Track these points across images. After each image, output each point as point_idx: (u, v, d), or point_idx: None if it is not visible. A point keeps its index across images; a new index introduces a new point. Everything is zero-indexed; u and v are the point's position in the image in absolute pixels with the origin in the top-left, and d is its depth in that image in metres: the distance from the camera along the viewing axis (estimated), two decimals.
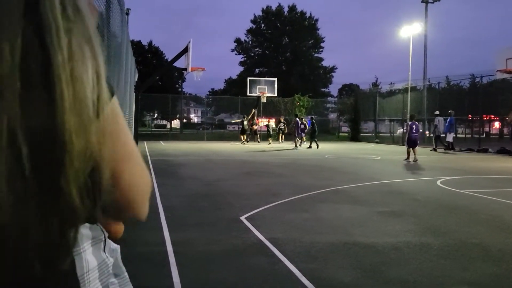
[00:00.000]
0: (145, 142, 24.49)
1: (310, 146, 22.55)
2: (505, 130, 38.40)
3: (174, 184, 9.02)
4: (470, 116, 27.50)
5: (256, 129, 27.59)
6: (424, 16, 33.65)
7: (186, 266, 3.85)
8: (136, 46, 50.80)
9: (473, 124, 29.60)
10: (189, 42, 16.89)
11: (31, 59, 0.50)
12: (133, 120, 16.40)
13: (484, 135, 30.35)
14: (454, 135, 23.75)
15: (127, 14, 21.90)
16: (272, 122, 29.84)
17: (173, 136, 33.23)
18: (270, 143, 25.89)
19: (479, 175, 11.06)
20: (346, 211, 6.36)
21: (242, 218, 5.76)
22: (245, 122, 26.45)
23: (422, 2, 33.63)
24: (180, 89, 57.93)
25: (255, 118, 27.48)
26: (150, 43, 57.44)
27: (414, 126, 14.63)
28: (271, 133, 26.95)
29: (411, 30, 28.62)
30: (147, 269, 3.83)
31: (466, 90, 29.70)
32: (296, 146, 22.55)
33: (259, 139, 27.32)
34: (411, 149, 14.56)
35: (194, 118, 60.28)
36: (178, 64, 18.24)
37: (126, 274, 0.87)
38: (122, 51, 8.07)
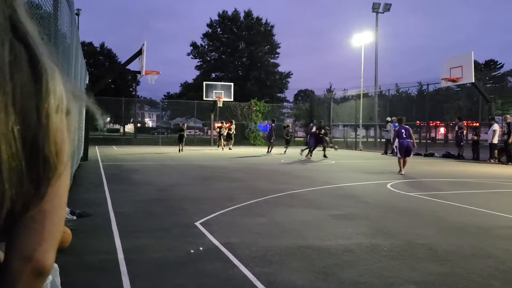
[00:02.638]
0: (96, 147, 23.72)
1: (285, 152, 21.88)
2: (450, 136, 40.49)
3: (126, 190, 8.78)
4: (417, 122, 28.76)
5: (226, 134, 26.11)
6: (375, 26, 34.90)
7: (138, 275, 3.74)
8: (88, 48, 49.25)
9: (421, 130, 30.98)
10: (143, 44, 16.56)
11: None
12: (84, 124, 15.84)
13: (431, 140, 31.82)
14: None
15: (78, 14, 21.18)
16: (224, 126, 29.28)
17: (127, 141, 32.42)
18: (230, 147, 25.53)
19: (426, 179, 11.56)
20: (301, 215, 6.44)
21: (197, 223, 5.68)
22: (224, 127, 25.70)
23: (373, 12, 34.87)
24: (134, 93, 56.70)
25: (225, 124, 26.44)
26: (102, 45, 55.89)
27: (403, 131, 12.81)
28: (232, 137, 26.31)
29: (363, 39, 29.66)
30: (97, 278, 3.69)
31: (414, 97, 31.09)
32: (268, 151, 21.84)
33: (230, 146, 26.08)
34: (403, 158, 12.68)
35: (149, 122, 59.16)
36: (132, 67, 17.84)
37: None
38: (72, 53, 7.78)
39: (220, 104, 29.26)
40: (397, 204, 7.62)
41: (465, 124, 21.32)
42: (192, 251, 4.45)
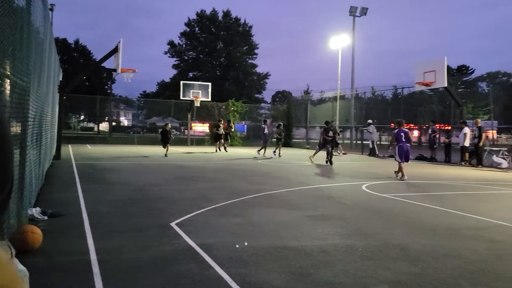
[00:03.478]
0: (69, 145, 23.21)
1: (274, 152, 20.49)
2: (423, 139, 41.41)
3: (101, 189, 8.62)
4: (392, 124, 29.27)
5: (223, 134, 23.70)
6: (352, 29, 35.38)
7: (111, 276, 3.68)
8: (62, 44, 48.19)
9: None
10: (119, 42, 16.30)
11: None
12: (57, 122, 15.48)
13: None
14: (378, 142, 25.14)
15: (51, 10, 20.68)
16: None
17: (101, 140, 31.83)
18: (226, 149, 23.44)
19: (400, 180, 11.77)
20: (278, 215, 6.46)
21: (173, 224, 5.63)
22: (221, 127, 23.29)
23: (350, 15, 35.34)
24: (109, 91, 55.77)
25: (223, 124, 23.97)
26: (76, 42, 54.77)
27: (402, 134, 12.13)
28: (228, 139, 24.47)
29: (340, 42, 30.06)
30: (68, 280, 3.61)
31: (389, 100, 31.65)
32: (259, 152, 20.34)
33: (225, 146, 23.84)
34: (403, 163, 12.05)
35: (124, 121, 58.24)
36: (108, 64, 17.55)
37: None
38: (45, 49, 7.58)
39: (197, 104, 29.07)
40: (372, 205, 7.74)
41: (438, 127, 21.81)
42: (167, 251, 4.40)
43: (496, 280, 3.84)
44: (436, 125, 21.33)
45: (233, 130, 25.05)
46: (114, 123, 43.58)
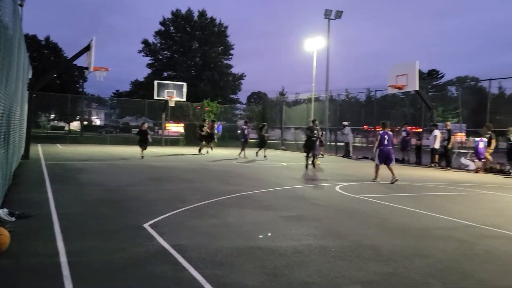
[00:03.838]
0: (39, 145, 22.60)
1: (257, 154, 20.11)
2: (395, 140, 42.29)
3: (71, 190, 8.43)
4: (365, 126, 29.78)
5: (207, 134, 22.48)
6: (327, 31, 35.78)
7: (82, 278, 3.59)
8: (32, 41, 46.91)
9: (368, 134, 32.08)
10: (92, 40, 15.97)
11: None
12: (26, 121, 15.05)
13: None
14: (353, 144, 25.51)
15: (21, 5, 20.10)
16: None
17: (72, 139, 31.12)
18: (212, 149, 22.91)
19: (372, 181, 11.97)
20: (252, 216, 6.46)
21: (146, 225, 5.56)
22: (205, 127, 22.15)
23: (325, 18, 35.73)
24: (81, 89, 54.61)
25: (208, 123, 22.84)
26: (47, 38, 53.45)
27: (386, 137, 11.76)
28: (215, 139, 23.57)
29: (315, 44, 30.37)
30: (38, 282, 3.51)
31: (362, 103, 32.19)
32: (240, 155, 20.06)
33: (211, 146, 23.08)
34: (382, 165, 11.82)
35: (96, 120, 57.10)
36: (80, 62, 17.15)
37: None
38: (14, 45, 7.35)
39: (172, 104, 28.80)
40: (345, 206, 7.85)
41: (410, 129, 22.32)
42: (140, 253, 4.34)
43: (464, 279, 3.96)
44: (408, 127, 21.81)
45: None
46: (85, 123, 42.71)
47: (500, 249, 5.08)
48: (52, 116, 42.59)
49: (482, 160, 16.50)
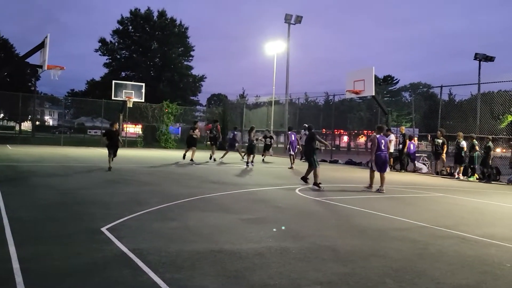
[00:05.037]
0: None
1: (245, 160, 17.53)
2: (352, 144, 43.43)
3: (24, 193, 8.06)
4: (324, 130, 30.40)
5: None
6: (287, 36, 36.24)
7: (36, 285, 3.45)
8: None
9: (326, 138, 32.74)
10: (46, 37, 15.37)
11: None
12: None
13: (335, 148, 33.82)
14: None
15: None
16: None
17: (23, 140, 29.79)
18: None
19: (331, 184, 12.23)
20: (213, 219, 6.44)
21: (104, 229, 5.41)
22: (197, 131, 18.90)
23: (285, 22, 36.18)
24: (33, 88, 52.33)
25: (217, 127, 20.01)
26: None
27: (383, 141, 10.92)
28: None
29: (275, 47, 30.68)
30: None
31: (321, 106, 32.85)
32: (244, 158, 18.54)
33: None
34: (376, 173, 11.03)
35: (50, 120, 54.96)
36: (33, 60, 16.42)
37: None
38: None
39: (130, 105, 28.13)
40: (305, 208, 7.97)
41: (366, 133, 23.01)
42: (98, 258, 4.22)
43: (418, 277, 4.12)
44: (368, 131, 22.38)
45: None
46: (38, 123, 40.98)
47: (450, 248, 5.33)
48: (1, 115, 40.58)
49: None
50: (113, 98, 27.94)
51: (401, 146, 18.37)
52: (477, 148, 15.67)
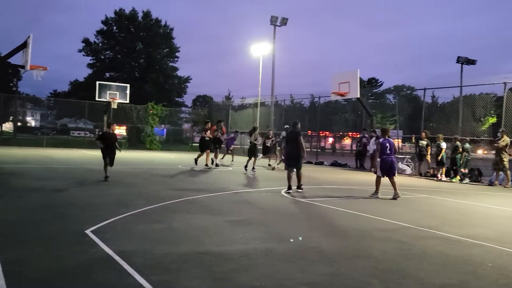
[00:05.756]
0: None
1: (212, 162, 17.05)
2: (337, 146, 43.74)
3: (5, 195, 7.92)
4: (309, 131, 30.53)
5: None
6: (273, 38, 36.33)
7: None
8: None
9: (312, 139, 32.91)
10: (29, 37, 15.14)
11: None
12: None
13: (321, 150, 34.01)
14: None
15: None
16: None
17: (5, 141, 29.25)
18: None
19: (317, 185, 12.31)
20: (199, 221, 6.42)
21: (88, 231, 5.35)
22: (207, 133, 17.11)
23: (271, 24, 36.27)
24: (14, 88, 51.44)
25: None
26: None
27: (388, 145, 10.23)
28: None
29: (261, 49, 30.73)
30: None
31: (306, 108, 33.01)
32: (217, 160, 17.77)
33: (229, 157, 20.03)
34: (383, 178, 10.37)
35: (32, 121, 54.04)
36: (15, 60, 16.15)
37: None
38: None
39: (114, 106, 27.86)
40: (290, 209, 8.01)
41: (350, 135, 23.19)
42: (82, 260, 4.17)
43: (403, 278, 4.18)
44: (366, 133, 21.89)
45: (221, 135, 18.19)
46: (19, 124, 40.27)
47: (434, 249, 5.41)
48: None
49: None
50: (97, 99, 27.64)
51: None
52: (460, 150, 15.94)
